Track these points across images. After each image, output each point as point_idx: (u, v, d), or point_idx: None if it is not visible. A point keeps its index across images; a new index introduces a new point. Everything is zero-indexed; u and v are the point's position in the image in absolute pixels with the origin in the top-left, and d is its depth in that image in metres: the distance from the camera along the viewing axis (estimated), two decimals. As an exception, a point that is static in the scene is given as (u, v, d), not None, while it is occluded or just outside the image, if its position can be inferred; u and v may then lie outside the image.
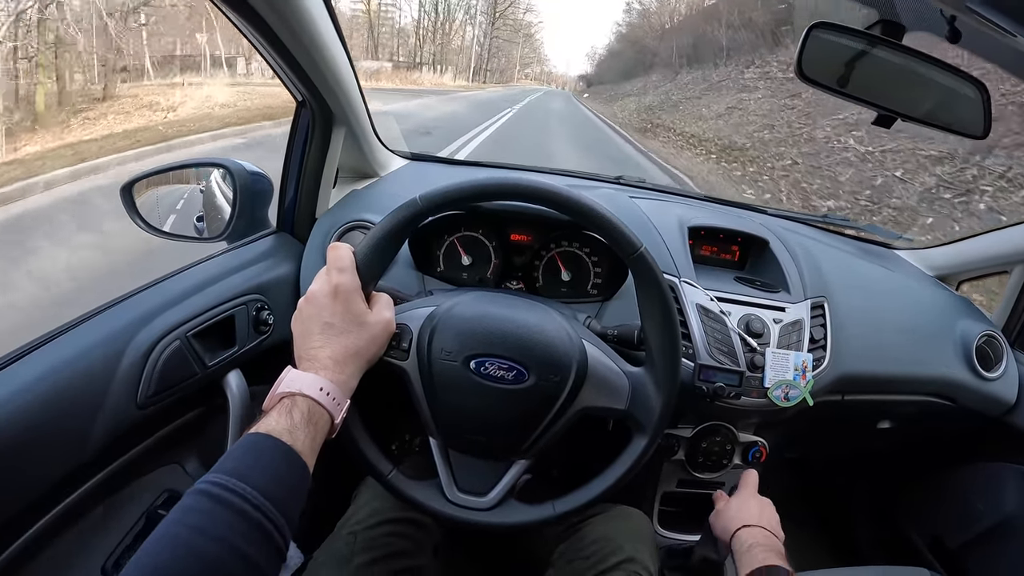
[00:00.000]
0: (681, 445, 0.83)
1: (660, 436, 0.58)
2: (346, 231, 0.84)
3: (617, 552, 0.63)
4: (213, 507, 0.38)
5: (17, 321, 2.11)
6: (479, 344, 0.54)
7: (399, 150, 1.08)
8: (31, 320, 2.08)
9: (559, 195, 0.55)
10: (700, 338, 0.76)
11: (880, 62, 0.58)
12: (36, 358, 0.54)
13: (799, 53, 0.55)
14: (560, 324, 0.57)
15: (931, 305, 1.00)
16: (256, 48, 0.71)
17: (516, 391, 0.54)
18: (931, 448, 1.10)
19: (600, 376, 0.57)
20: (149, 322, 0.62)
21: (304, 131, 0.84)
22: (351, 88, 0.80)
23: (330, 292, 0.51)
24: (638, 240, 0.55)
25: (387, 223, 0.55)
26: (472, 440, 0.57)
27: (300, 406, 0.45)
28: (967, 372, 0.91)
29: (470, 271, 0.86)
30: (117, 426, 0.58)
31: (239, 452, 0.42)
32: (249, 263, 0.78)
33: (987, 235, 1.07)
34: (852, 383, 0.84)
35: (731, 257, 0.95)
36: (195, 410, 0.70)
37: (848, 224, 1.17)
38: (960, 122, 0.62)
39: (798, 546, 0.64)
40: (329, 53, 0.71)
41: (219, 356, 0.69)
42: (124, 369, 0.59)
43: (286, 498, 0.41)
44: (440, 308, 0.57)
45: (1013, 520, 0.93)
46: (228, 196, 0.90)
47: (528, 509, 0.58)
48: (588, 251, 0.85)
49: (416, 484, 0.58)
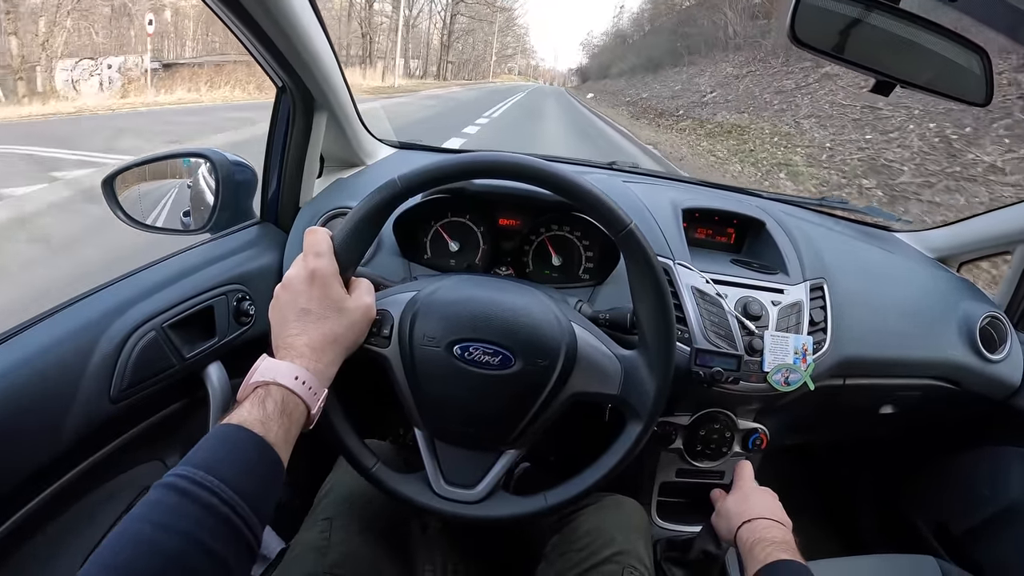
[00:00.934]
0: (679, 433, 0.81)
1: (655, 422, 0.56)
2: (329, 219, 0.82)
3: (610, 544, 0.61)
4: (179, 501, 0.36)
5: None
6: (462, 328, 0.52)
7: (386, 139, 1.05)
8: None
9: (542, 170, 0.52)
10: (696, 321, 0.74)
11: (877, 26, 0.56)
12: (6, 349, 0.52)
13: (791, 17, 0.53)
14: (548, 307, 0.55)
15: (933, 287, 0.98)
16: (233, 32, 0.69)
17: (502, 377, 0.52)
18: (935, 433, 1.09)
19: (591, 360, 0.54)
20: (123, 313, 0.60)
21: (285, 118, 0.81)
22: (332, 72, 0.77)
23: (307, 277, 0.49)
24: (627, 216, 0.53)
25: (365, 205, 0.53)
26: (458, 430, 0.55)
27: (274, 396, 0.43)
28: (971, 354, 0.89)
29: (458, 257, 0.84)
30: (90, 421, 0.56)
31: (209, 444, 0.40)
32: (230, 253, 0.76)
33: (987, 215, 1.05)
34: (854, 366, 0.82)
35: (727, 240, 0.92)
36: (175, 404, 0.68)
37: (846, 206, 1.15)
38: (961, 89, 0.60)
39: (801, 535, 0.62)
40: (308, 36, 0.69)
41: (198, 347, 0.67)
42: (96, 361, 0.57)
43: (257, 492, 0.39)
44: (422, 292, 0.55)
45: (1019, 504, 0.91)
46: (212, 187, 0.88)
47: (519, 501, 0.56)
48: (579, 235, 0.83)
49: (402, 477, 0.56)
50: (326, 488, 0.68)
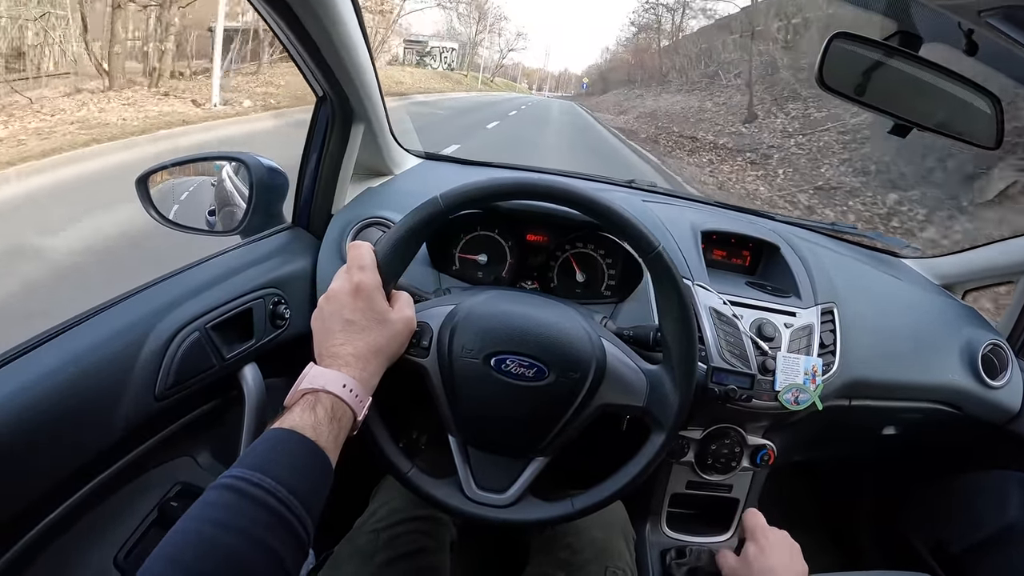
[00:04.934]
0: (691, 447, 0.84)
1: (677, 433, 0.59)
2: (362, 228, 0.84)
3: (592, 544, 0.64)
4: (236, 501, 0.38)
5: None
6: (500, 342, 0.55)
7: (413, 149, 1.08)
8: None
9: (579, 194, 0.55)
10: (713, 341, 0.77)
11: (897, 72, 0.59)
12: (58, 344, 0.54)
13: (820, 62, 0.56)
14: (579, 322, 0.58)
15: (938, 313, 1.01)
16: (282, 42, 0.72)
17: (536, 388, 0.55)
18: (936, 455, 1.11)
19: (619, 373, 0.57)
20: (168, 313, 0.62)
21: (324, 126, 0.84)
22: (371, 85, 0.80)
23: (351, 290, 0.51)
24: (656, 239, 0.56)
25: (408, 221, 0.55)
26: (491, 437, 0.58)
27: (324, 402, 0.46)
28: (972, 380, 0.92)
29: (485, 270, 0.87)
30: (135, 416, 0.58)
31: (262, 447, 0.42)
32: (265, 257, 0.78)
33: (993, 245, 1.08)
34: (860, 388, 0.85)
35: (742, 262, 0.95)
36: (210, 402, 0.70)
37: (856, 232, 1.18)
38: (973, 133, 0.63)
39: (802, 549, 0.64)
40: (354, 49, 0.72)
41: (236, 349, 0.69)
42: (144, 359, 0.58)
43: (309, 493, 0.41)
44: (460, 306, 0.57)
45: (1016, 527, 0.94)
46: (242, 190, 0.90)
47: (547, 506, 0.59)
48: (603, 253, 0.86)
49: (435, 482, 0.58)
50: (378, 503, 0.70)
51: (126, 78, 8.55)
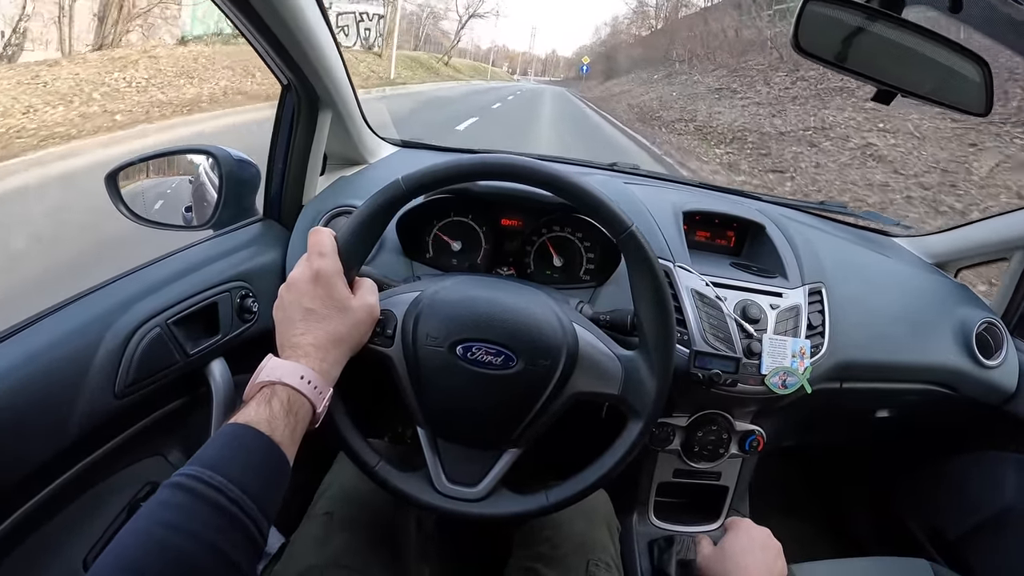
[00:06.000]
0: (676, 434, 0.82)
1: (655, 421, 0.56)
2: (332, 217, 0.82)
3: (574, 535, 0.63)
4: (188, 501, 0.37)
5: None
6: (465, 328, 0.53)
7: (389, 137, 1.06)
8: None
9: (544, 173, 0.53)
10: (695, 324, 0.74)
11: (879, 36, 0.56)
12: (12, 345, 0.53)
13: (795, 27, 0.53)
14: (549, 307, 0.56)
15: (930, 292, 0.98)
16: (240, 30, 0.69)
17: (504, 376, 0.52)
18: (930, 437, 1.09)
19: (592, 360, 0.55)
20: (128, 309, 0.61)
21: (290, 116, 0.82)
22: (337, 70, 0.78)
23: (311, 277, 0.50)
24: (628, 219, 0.54)
25: (369, 205, 0.53)
26: (460, 429, 0.56)
27: (280, 395, 0.44)
28: (967, 360, 0.90)
29: (460, 257, 0.84)
30: (95, 415, 0.56)
31: (216, 444, 0.41)
32: (233, 250, 0.76)
33: (985, 222, 1.06)
34: (851, 370, 0.83)
35: (726, 243, 0.93)
36: (178, 400, 0.69)
37: (845, 211, 1.16)
38: (961, 99, 0.60)
39: (796, 537, 0.62)
40: (313, 34, 0.69)
41: (202, 344, 0.67)
42: (102, 357, 0.57)
43: (263, 490, 0.40)
44: (425, 292, 0.55)
45: (1013, 509, 0.92)
46: (215, 183, 0.88)
47: (521, 499, 0.57)
48: (580, 236, 0.84)
49: (404, 476, 0.57)
50: (326, 484, 0.68)
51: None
